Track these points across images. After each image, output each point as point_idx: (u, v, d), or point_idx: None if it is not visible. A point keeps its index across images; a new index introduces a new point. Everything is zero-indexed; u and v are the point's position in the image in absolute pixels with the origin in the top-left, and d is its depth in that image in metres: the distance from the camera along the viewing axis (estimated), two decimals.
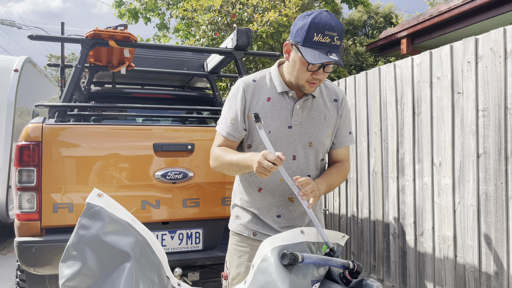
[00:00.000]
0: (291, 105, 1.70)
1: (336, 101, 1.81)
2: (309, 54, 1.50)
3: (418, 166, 3.15)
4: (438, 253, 2.96)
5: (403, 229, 3.33)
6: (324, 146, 1.79)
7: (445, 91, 2.89)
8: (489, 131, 2.55)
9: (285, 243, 1.38)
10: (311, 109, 1.74)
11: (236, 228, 1.83)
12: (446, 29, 6.13)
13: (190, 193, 2.54)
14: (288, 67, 1.65)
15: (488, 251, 2.56)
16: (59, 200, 2.34)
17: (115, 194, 2.40)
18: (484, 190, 2.59)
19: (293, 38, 1.58)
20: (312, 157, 1.75)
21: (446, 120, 2.88)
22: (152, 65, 3.78)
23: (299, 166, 1.74)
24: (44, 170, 2.32)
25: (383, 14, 20.01)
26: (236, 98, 1.70)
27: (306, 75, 1.58)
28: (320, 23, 1.50)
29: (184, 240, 2.55)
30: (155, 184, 2.46)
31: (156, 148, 2.47)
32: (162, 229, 2.51)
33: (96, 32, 2.70)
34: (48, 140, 2.33)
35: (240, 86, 1.71)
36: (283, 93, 1.70)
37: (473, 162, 2.66)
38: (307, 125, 1.73)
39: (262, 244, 1.38)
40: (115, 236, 1.17)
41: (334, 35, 1.50)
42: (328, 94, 1.80)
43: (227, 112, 1.73)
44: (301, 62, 1.56)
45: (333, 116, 1.79)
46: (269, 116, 1.68)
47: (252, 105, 1.69)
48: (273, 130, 1.68)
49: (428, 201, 3.05)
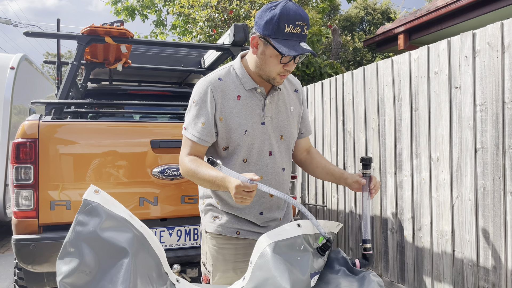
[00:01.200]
0: (261, 101, 1.68)
1: (297, 92, 1.83)
2: (283, 47, 1.48)
3: (416, 161, 3.15)
4: (436, 248, 2.97)
5: (401, 224, 3.33)
6: (294, 138, 1.81)
7: (443, 86, 2.89)
8: (486, 126, 2.55)
9: (282, 237, 1.38)
10: (278, 102, 1.73)
11: (216, 229, 1.71)
12: (443, 24, 6.13)
13: (188, 189, 2.53)
14: (257, 61, 1.59)
15: (486, 246, 2.57)
16: (56, 197, 2.33)
17: (113, 191, 2.39)
18: (482, 185, 2.59)
19: (262, 31, 1.53)
20: (284, 150, 1.76)
21: (443, 115, 2.88)
22: (148, 62, 3.77)
23: (276, 161, 1.72)
24: (41, 167, 2.31)
25: (381, 10, 20.00)
26: (204, 101, 1.60)
27: (278, 68, 1.56)
28: (289, 14, 1.48)
29: (182, 237, 2.54)
30: (152, 181, 2.45)
31: (153, 145, 2.46)
32: (160, 226, 2.51)
33: (92, 28, 2.68)
34: (45, 137, 2.32)
35: (207, 87, 1.61)
36: (251, 90, 1.66)
37: (470, 157, 2.67)
38: (277, 119, 1.72)
39: (259, 240, 1.38)
40: (113, 232, 1.17)
41: (304, 24, 1.51)
42: (289, 85, 1.81)
43: (196, 116, 1.62)
44: (273, 55, 1.53)
45: (296, 106, 1.80)
46: (243, 115, 1.64)
47: (224, 105, 1.62)
48: (249, 129, 1.64)
49: (426, 196, 3.05)
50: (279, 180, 1.74)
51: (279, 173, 1.74)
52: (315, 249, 1.47)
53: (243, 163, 1.67)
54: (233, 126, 1.62)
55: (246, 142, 1.65)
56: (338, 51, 7.44)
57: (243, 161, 1.67)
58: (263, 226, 1.74)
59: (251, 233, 1.71)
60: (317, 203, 4.71)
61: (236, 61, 1.70)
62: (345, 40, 9.61)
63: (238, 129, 1.62)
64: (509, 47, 2.40)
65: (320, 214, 4.64)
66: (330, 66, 5.88)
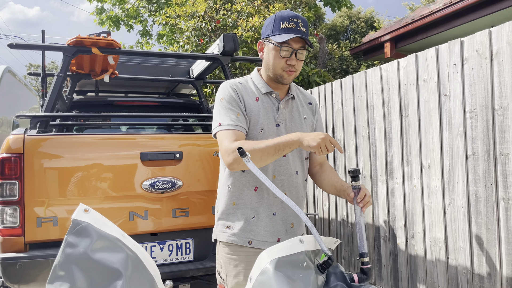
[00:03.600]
0: (276, 105, 1.78)
1: (310, 104, 1.93)
2: (279, 38, 1.65)
3: (407, 168, 3.15)
4: (429, 256, 2.96)
5: (394, 232, 3.32)
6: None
7: (432, 94, 2.90)
8: (477, 132, 2.56)
9: (284, 254, 1.34)
10: (292, 109, 1.83)
11: (228, 238, 1.76)
12: (429, 32, 6.21)
13: (179, 202, 2.48)
14: (264, 62, 1.75)
15: (480, 252, 2.57)
16: (42, 214, 2.26)
17: (102, 206, 2.32)
18: (474, 191, 2.59)
19: (264, 35, 1.75)
20: (297, 155, 1.82)
21: (433, 122, 2.89)
22: (136, 72, 3.71)
23: (289, 163, 1.79)
24: (26, 183, 2.23)
25: (365, 19, 20.25)
26: (233, 98, 1.72)
27: (281, 63, 1.68)
28: (284, 14, 1.69)
29: (174, 251, 2.48)
30: (142, 195, 2.39)
31: (143, 157, 2.40)
32: (151, 241, 2.44)
33: (79, 39, 2.62)
34: (30, 152, 2.25)
35: (229, 87, 1.74)
36: (267, 94, 1.78)
37: (462, 164, 2.67)
38: (290, 123, 1.81)
39: (260, 255, 1.34)
40: (105, 253, 1.11)
41: (299, 21, 1.66)
42: (303, 98, 1.92)
43: (228, 110, 1.70)
44: (274, 50, 1.68)
45: (309, 117, 1.89)
46: (261, 114, 1.74)
47: (246, 103, 1.74)
48: (265, 127, 1.74)
49: (418, 203, 3.05)
50: (292, 182, 1.81)
51: (292, 175, 1.80)
52: (315, 266, 1.43)
53: None
54: (252, 123, 1.72)
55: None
56: (325, 60, 7.47)
57: None
58: (275, 233, 1.78)
59: (263, 243, 1.75)
60: (309, 211, 4.68)
61: (253, 72, 1.86)
62: (332, 49, 9.69)
63: (256, 127, 1.72)
64: (498, 54, 2.42)
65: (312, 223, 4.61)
66: (317, 75, 5.89)
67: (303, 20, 1.69)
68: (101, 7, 9.63)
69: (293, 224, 1.84)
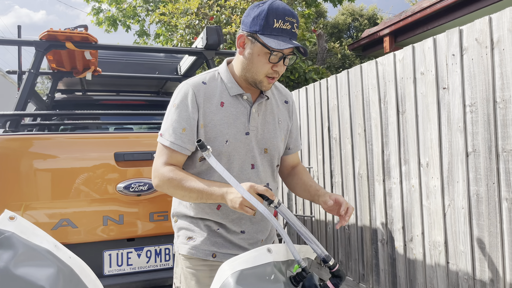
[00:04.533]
0: (247, 109, 1.53)
1: (287, 103, 1.68)
2: (272, 42, 1.36)
3: (405, 167, 2.97)
4: (429, 260, 2.78)
5: (392, 235, 3.14)
6: (279, 152, 1.64)
7: (430, 87, 2.72)
8: (477, 128, 2.38)
9: (249, 265, 1.17)
10: (266, 112, 1.58)
11: (189, 252, 1.56)
12: (429, 25, 6.00)
13: (157, 206, 2.32)
14: (244, 62, 1.46)
15: (482, 257, 2.38)
16: None
17: (73, 210, 2.17)
18: (475, 191, 2.41)
19: (249, 27, 1.41)
20: (267, 164, 1.60)
21: (432, 118, 2.71)
22: (121, 70, 3.56)
23: (258, 175, 1.56)
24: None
25: (367, 16, 20.01)
26: (186, 105, 1.45)
27: (266, 68, 1.42)
28: (278, 9, 1.38)
29: (152, 258, 2.32)
30: (117, 198, 2.23)
31: (117, 158, 2.24)
32: (127, 247, 2.28)
33: (51, 33, 2.47)
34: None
35: (188, 90, 1.46)
36: (237, 96, 1.52)
37: (462, 162, 2.49)
38: (262, 130, 1.57)
39: (221, 267, 1.17)
40: (31, 268, 0.95)
41: (294, 21, 1.40)
42: (279, 96, 1.66)
43: (176, 121, 1.45)
44: (262, 53, 1.40)
45: (285, 119, 1.66)
46: (225, 123, 1.49)
47: (205, 111, 1.47)
48: (231, 139, 1.49)
49: (416, 204, 2.87)
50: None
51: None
52: (287, 278, 1.26)
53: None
54: (213, 135, 1.47)
55: (227, 153, 1.49)
56: (324, 57, 7.26)
57: None
58: (247, 248, 1.57)
59: (228, 255, 1.53)
60: (305, 213, 4.50)
61: (222, 66, 1.56)
62: (332, 46, 9.47)
63: (219, 138, 1.47)
64: (499, 43, 2.24)
65: (308, 225, 4.44)
66: (315, 72, 5.71)
67: (297, 19, 1.44)
68: (98, 7, 9.52)
69: (263, 240, 1.65)
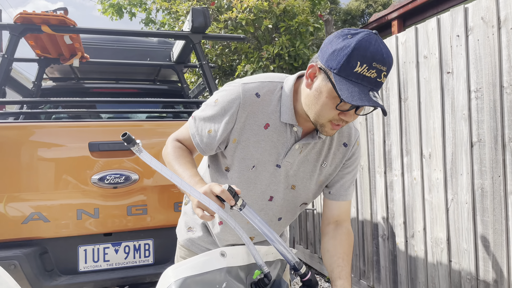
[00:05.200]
0: (290, 143, 1.29)
1: (345, 146, 1.37)
2: (345, 90, 1.07)
3: (407, 158, 2.78)
4: (430, 258, 2.59)
5: (393, 230, 2.95)
6: (308, 193, 1.41)
7: (433, 72, 2.51)
8: (483, 115, 2.17)
9: (196, 272, 1.02)
10: (311, 151, 1.33)
11: (186, 243, 1.51)
12: (439, 7, 5.67)
13: (135, 199, 2.19)
14: (309, 96, 1.19)
15: (486, 256, 2.19)
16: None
17: (45, 203, 2.06)
18: (480, 185, 2.21)
19: (325, 61, 1.12)
20: (290, 200, 1.39)
21: (435, 105, 2.51)
22: (111, 57, 3.42)
23: (273, 209, 1.38)
24: None
25: (382, 2, 19.47)
26: (226, 111, 1.25)
27: (332, 114, 1.15)
28: (368, 49, 1.06)
29: (131, 254, 2.20)
30: (92, 190, 2.10)
31: (92, 148, 2.11)
32: (104, 242, 2.16)
33: (25, 15, 2.33)
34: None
35: (237, 100, 1.24)
36: (286, 124, 1.28)
37: (466, 152, 2.28)
38: (298, 167, 1.34)
39: (165, 272, 1.02)
40: None
41: (383, 70, 1.08)
42: (338, 137, 1.36)
43: (209, 118, 1.29)
44: (330, 96, 1.13)
45: (334, 163, 1.38)
46: (260, 148, 1.28)
47: (245, 128, 1.26)
48: (259, 166, 1.30)
49: (418, 198, 2.67)
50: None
51: (272, 221, 1.42)
52: (247, 285, 1.11)
53: None
54: (242, 155, 1.29)
55: (248, 179, 1.31)
56: None
57: None
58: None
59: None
60: None
61: (289, 82, 1.28)
62: None
63: (247, 161, 1.29)
64: (506, 21, 2.02)
65: (310, 218, 4.28)
66: None
67: (389, 65, 1.10)
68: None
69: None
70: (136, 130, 2.26)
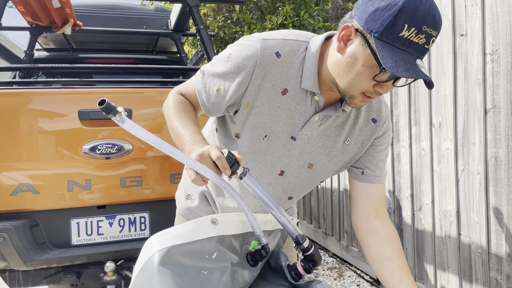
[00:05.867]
0: (309, 113, 1.12)
1: (375, 122, 1.20)
2: (389, 58, 0.89)
3: (415, 128, 2.64)
4: (438, 231, 2.49)
5: (399, 204, 2.85)
6: (328, 173, 1.25)
7: (446, 35, 2.35)
8: (499, 80, 2.02)
9: (182, 240, 0.91)
10: (333, 124, 1.16)
11: (184, 212, 1.41)
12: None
13: (129, 170, 2.08)
14: (340, 63, 1.00)
15: (499, 228, 2.08)
16: None
17: (33, 174, 1.96)
18: (493, 154, 2.08)
19: (364, 22, 0.93)
20: (305, 180, 1.24)
21: (446, 71, 2.36)
22: (106, 25, 3.27)
23: (282, 184, 1.23)
24: None
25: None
26: (239, 70, 1.08)
27: (367, 85, 0.98)
28: (418, 10, 0.88)
29: (126, 227, 2.11)
30: (83, 161, 2.00)
31: (82, 116, 2.00)
32: (98, 215, 2.07)
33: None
34: None
35: (253, 57, 1.06)
36: (307, 91, 1.11)
37: (479, 120, 2.15)
38: (316, 142, 1.17)
39: (148, 241, 0.92)
40: None
41: (433, 34, 0.90)
42: (366, 111, 1.19)
43: (219, 75, 1.11)
44: (368, 65, 0.95)
45: (360, 140, 1.20)
46: (275, 116, 1.12)
47: (260, 92, 1.10)
48: (271, 136, 1.14)
49: (426, 170, 2.55)
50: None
51: (282, 199, 1.28)
52: (242, 256, 1.00)
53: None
54: (255, 122, 1.13)
55: (258, 150, 1.17)
56: (337, 15, 6.74)
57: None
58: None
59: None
60: None
61: (316, 42, 1.09)
62: (347, 6, 8.85)
63: (259, 129, 1.14)
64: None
65: (314, 193, 4.18)
66: (326, 30, 5.30)
67: (439, 31, 0.93)
68: None
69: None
70: (133, 98, 2.13)
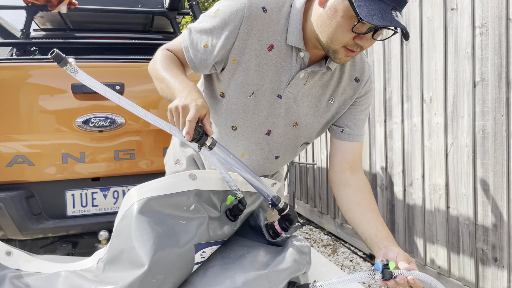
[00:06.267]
0: (294, 70, 1.14)
1: (357, 81, 1.22)
2: (365, 7, 0.91)
3: (407, 105, 2.67)
4: (428, 205, 2.53)
5: (391, 180, 2.89)
6: (312, 132, 1.28)
7: (437, 9, 2.36)
8: (487, 52, 2.04)
9: (161, 192, 0.95)
10: (318, 83, 1.18)
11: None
12: None
13: (122, 143, 2.12)
14: (321, 17, 1.01)
15: (485, 200, 2.12)
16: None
17: (28, 146, 2.00)
18: (481, 127, 2.11)
19: None
20: (291, 138, 1.27)
21: (437, 45, 2.37)
22: (101, 4, 3.28)
23: (269, 144, 1.26)
24: None
25: None
26: (226, 24, 1.08)
27: (347, 37, 0.99)
28: None
29: (120, 199, 2.16)
30: (76, 133, 2.04)
31: (74, 90, 2.03)
32: (92, 187, 2.12)
33: None
34: None
35: (240, 11, 1.07)
36: (292, 47, 1.12)
37: (468, 93, 2.17)
38: (302, 101, 1.20)
39: (128, 193, 0.96)
40: None
41: None
42: (349, 70, 1.21)
43: (206, 31, 1.12)
44: (347, 16, 0.96)
45: (344, 99, 1.23)
46: (262, 72, 1.13)
47: (246, 47, 1.10)
48: (258, 93, 1.15)
49: (417, 145, 2.58)
50: (264, 166, 1.32)
51: (269, 158, 1.30)
52: (222, 212, 1.04)
53: (231, 130, 1.24)
54: (241, 79, 1.14)
55: (245, 107, 1.18)
56: None
57: (232, 128, 1.23)
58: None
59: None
60: (307, 161, 4.28)
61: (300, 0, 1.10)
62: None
63: (246, 87, 1.15)
64: None
65: (310, 173, 4.22)
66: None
67: None
68: None
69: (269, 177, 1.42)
70: (115, 71, 2.15)
